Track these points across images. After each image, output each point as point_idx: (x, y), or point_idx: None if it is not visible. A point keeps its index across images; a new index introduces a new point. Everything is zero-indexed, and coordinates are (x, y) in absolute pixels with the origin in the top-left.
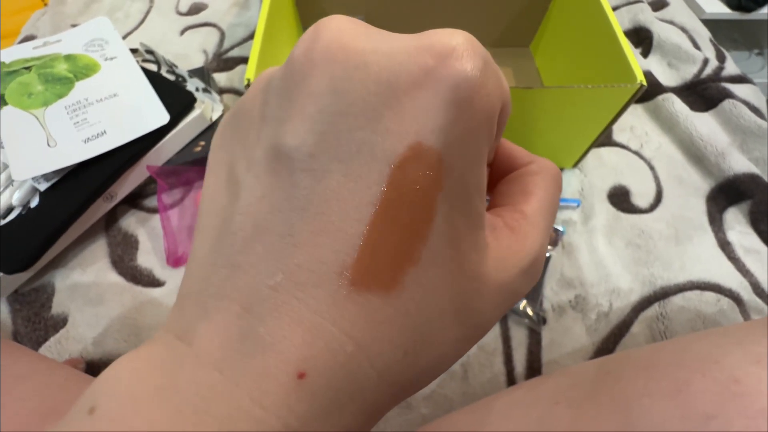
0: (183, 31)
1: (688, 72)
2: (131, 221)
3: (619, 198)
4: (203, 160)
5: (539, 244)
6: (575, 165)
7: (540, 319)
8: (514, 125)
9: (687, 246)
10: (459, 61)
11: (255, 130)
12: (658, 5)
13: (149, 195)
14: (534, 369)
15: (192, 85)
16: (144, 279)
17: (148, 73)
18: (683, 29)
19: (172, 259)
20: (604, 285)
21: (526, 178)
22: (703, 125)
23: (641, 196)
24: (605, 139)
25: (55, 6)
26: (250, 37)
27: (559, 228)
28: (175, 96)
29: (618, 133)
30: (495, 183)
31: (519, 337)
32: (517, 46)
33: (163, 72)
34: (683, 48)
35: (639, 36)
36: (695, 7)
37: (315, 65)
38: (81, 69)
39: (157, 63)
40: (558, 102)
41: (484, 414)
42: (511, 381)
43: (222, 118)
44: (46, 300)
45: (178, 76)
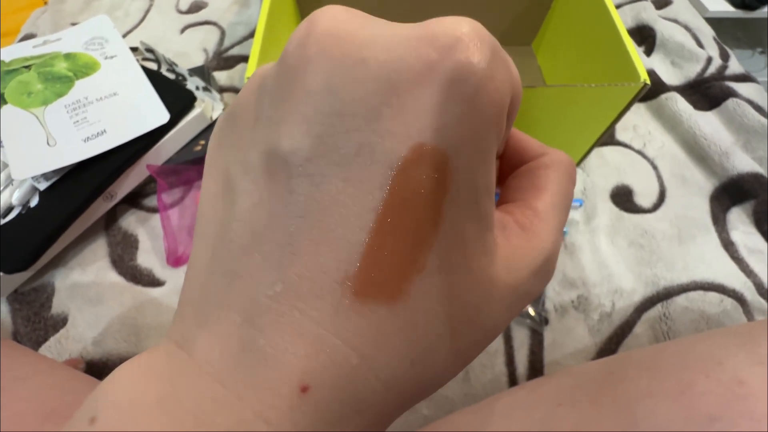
0: (183, 30)
1: (691, 70)
2: (131, 221)
3: (622, 197)
4: (203, 159)
5: (551, 242)
6: (578, 164)
7: (542, 320)
8: (516, 124)
9: (690, 246)
10: (464, 53)
11: (249, 131)
12: (661, 3)
13: (149, 194)
14: (536, 370)
15: (192, 84)
16: (144, 279)
17: (148, 72)
18: (686, 27)
19: (172, 259)
20: (606, 285)
21: (537, 171)
22: (707, 124)
23: (644, 195)
24: (608, 139)
25: (55, 4)
26: (250, 36)
27: None
28: (176, 95)
29: (621, 132)
30: (505, 176)
31: (521, 338)
32: (519, 44)
33: (163, 71)
34: (686, 46)
35: (642, 34)
36: (698, 6)
37: (309, 61)
38: (81, 68)
39: (157, 61)
40: (560, 101)
41: (485, 415)
42: (513, 382)
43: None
44: (45, 300)
45: (178, 74)
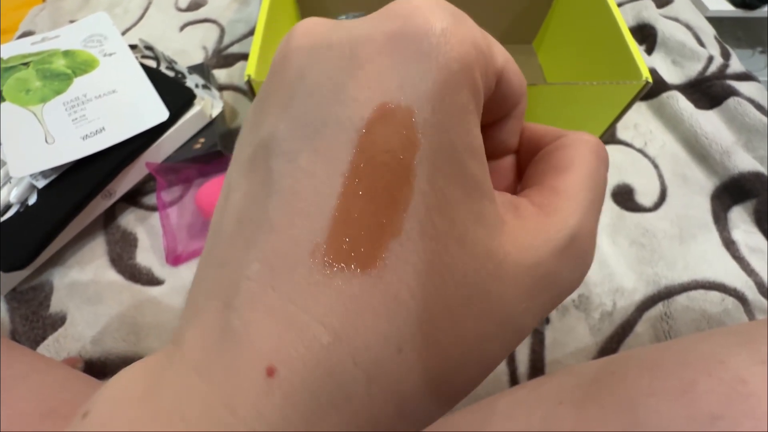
0: (182, 27)
1: (692, 69)
2: (130, 219)
3: (623, 196)
4: (203, 157)
5: (577, 219)
6: None
7: (543, 319)
8: None
9: (691, 245)
10: (422, 17)
11: (245, 137)
12: (662, 2)
13: (148, 192)
14: (537, 369)
15: (191, 82)
16: (143, 277)
17: (147, 70)
18: (688, 26)
19: (171, 258)
20: (607, 284)
21: (556, 153)
22: (708, 123)
23: (645, 194)
24: (609, 137)
25: (54, 2)
26: (250, 34)
27: None
28: (175, 92)
29: (622, 131)
30: (523, 169)
31: None
32: (520, 42)
33: (163, 68)
34: (688, 45)
35: (643, 33)
36: (699, 5)
37: (286, 59)
38: (79, 65)
39: (157, 59)
40: (561, 99)
41: (486, 414)
42: (514, 381)
43: (219, 115)
44: (44, 298)
45: (177, 72)
